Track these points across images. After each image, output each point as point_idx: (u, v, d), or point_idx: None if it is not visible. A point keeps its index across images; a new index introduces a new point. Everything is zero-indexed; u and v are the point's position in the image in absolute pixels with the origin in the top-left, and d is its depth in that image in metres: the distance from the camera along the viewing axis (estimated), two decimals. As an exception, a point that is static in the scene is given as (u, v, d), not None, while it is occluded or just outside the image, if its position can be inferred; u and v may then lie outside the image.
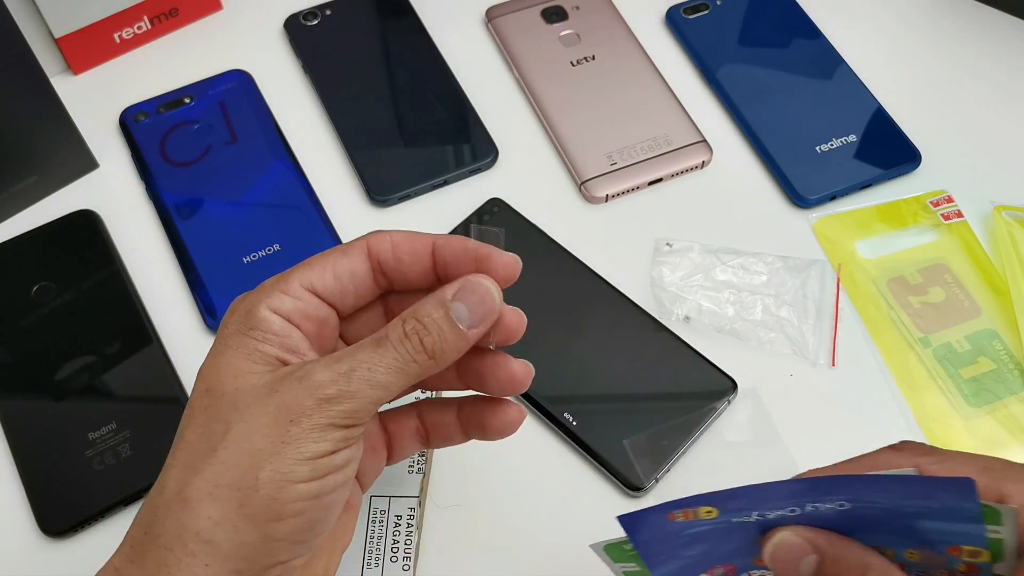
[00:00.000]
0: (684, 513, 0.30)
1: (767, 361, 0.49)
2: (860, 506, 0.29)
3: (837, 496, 0.29)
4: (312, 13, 0.61)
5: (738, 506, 0.30)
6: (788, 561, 0.30)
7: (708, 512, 0.30)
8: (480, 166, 0.55)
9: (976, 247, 0.53)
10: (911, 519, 0.29)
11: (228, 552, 0.29)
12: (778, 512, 0.30)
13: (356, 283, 0.34)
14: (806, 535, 0.30)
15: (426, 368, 0.32)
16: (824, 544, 0.30)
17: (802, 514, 0.30)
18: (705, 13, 0.62)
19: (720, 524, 0.30)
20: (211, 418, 0.31)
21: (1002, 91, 0.60)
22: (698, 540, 0.31)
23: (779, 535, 0.30)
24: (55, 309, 0.49)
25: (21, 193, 0.53)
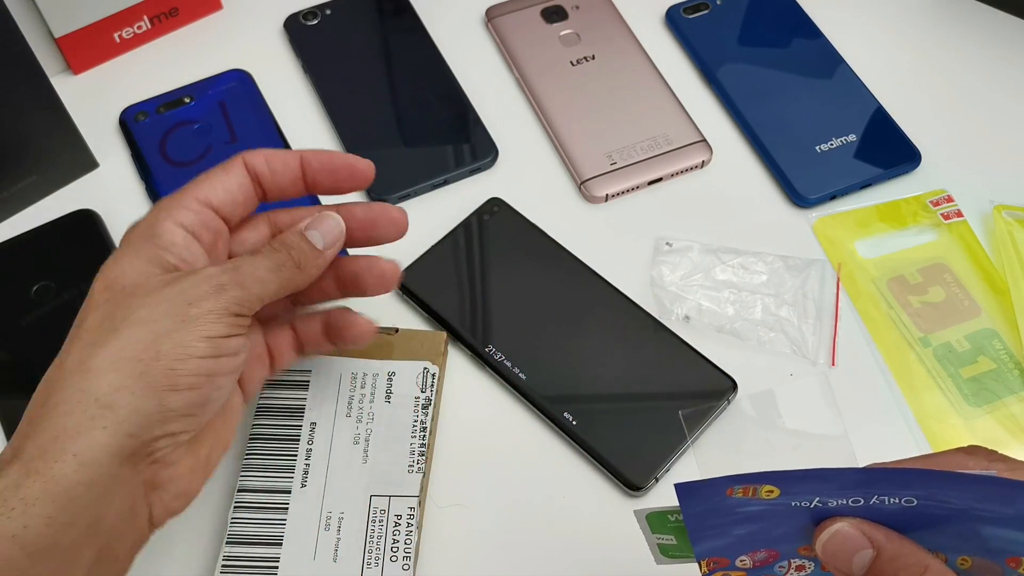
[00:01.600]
0: (744, 489, 0.30)
1: (767, 361, 0.49)
2: (928, 504, 0.28)
3: (909, 491, 0.28)
4: (312, 13, 0.61)
5: (802, 489, 0.29)
6: (842, 553, 0.29)
7: (769, 492, 0.29)
8: (480, 166, 0.55)
9: (976, 247, 0.53)
10: (979, 524, 0.28)
11: (125, 417, 0.32)
12: (840, 501, 0.29)
13: (243, 194, 0.39)
14: (864, 528, 0.29)
15: (295, 274, 0.38)
16: (882, 540, 0.29)
17: (864, 506, 0.29)
18: (705, 13, 0.62)
19: (777, 506, 0.30)
20: (113, 307, 0.34)
21: (1002, 91, 0.60)
22: (750, 520, 0.31)
23: (836, 525, 0.29)
24: (55, 309, 0.49)
25: (21, 193, 0.53)
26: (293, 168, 0.40)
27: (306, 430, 0.45)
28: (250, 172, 0.39)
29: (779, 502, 0.30)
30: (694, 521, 0.31)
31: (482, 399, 0.48)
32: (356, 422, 0.45)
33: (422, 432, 0.45)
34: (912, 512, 0.29)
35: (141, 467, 0.34)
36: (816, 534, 0.30)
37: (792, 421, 0.44)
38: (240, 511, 0.43)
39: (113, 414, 0.32)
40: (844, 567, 0.29)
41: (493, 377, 0.48)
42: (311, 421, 0.45)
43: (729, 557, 0.32)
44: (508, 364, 0.48)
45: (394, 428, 0.45)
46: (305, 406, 0.46)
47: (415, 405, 0.46)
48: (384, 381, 0.46)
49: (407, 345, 0.48)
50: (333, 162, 0.40)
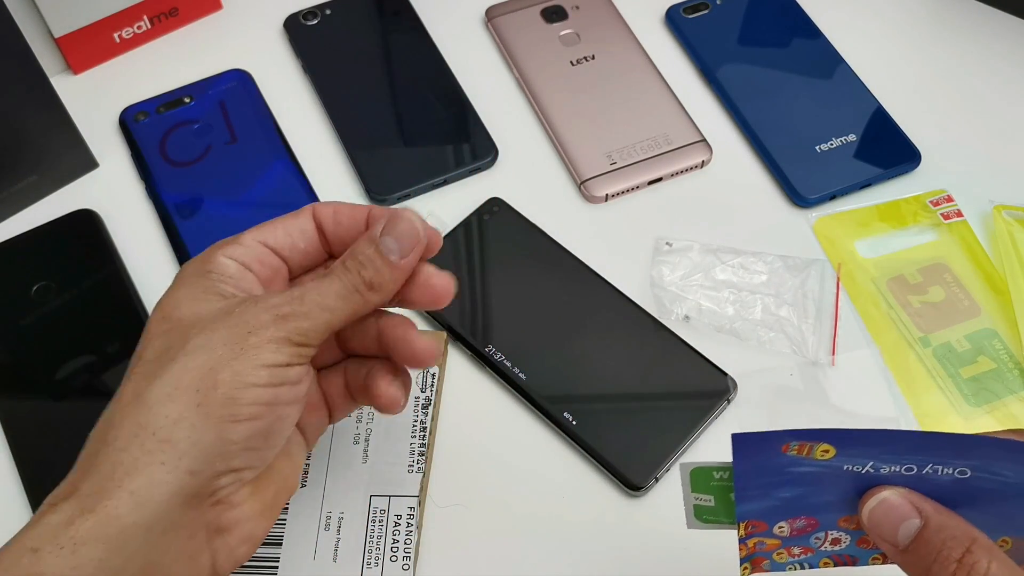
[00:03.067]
0: (800, 446, 0.29)
1: (767, 360, 0.49)
2: (981, 477, 0.28)
3: (965, 460, 0.28)
4: (312, 13, 0.61)
5: (859, 452, 0.29)
6: (888, 521, 0.29)
7: (825, 451, 0.29)
8: (480, 165, 0.55)
9: (976, 247, 0.53)
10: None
11: (184, 451, 0.30)
12: (893, 468, 0.29)
13: (304, 240, 0.37)
14: (912, 498, 0.29)
15: (368, 298, 0.35)
16: (930, 511, 0.29)
17: (915, 475, 0.29)
18: (705, 13, 0.62)
19: (828, 468, 0.30)
20: (170, 337, 0.32)
21: (1002, 91, 0.60)
22: (797, 482, 0.30)
23: (884, 493, 0.29)
24: (55, 309, 0.49)
25: (21, 192, 0.53)
26: (359, 223, 0.37)
27: (306, 430, 0.45)
28: (316, 222, 0.37)
29: (832, 464, 0.29)
30: (743, 477, 0.31)
31: (482, 399, 0.48)
32: (356, 422, 0.45)
33: (422, 432, 0.45)
34: (962, 486, 0.29)
35: (204, 508, 0.31)
36: (862, 502, 0.30)
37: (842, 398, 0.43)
38: (240, 511, 0.43)
39: (172, 448, 0.30)
40: (890, 536, 0.29)
41: (493, 377, 0.48)
42: (311, 421, 0.45)
43: (768, 522, 0.32)
44: (508, 364, 0.48)
45: (394, 428, 0.45)
46: (305, 406, 0.46)
47: (415, 405, 0.46)
48: (384, 381, 0.46)
49: (407, 345, 0.48)
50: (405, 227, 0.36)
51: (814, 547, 0.33)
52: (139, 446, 0.30)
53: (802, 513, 0.32)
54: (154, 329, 0.33)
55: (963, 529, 0.28)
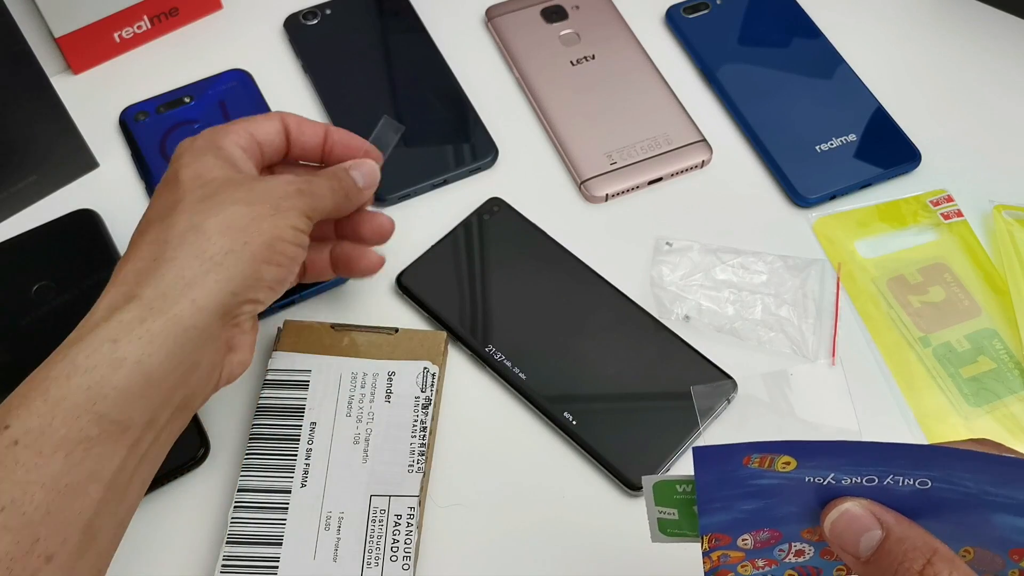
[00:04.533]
0: (761, 459, 0.29)
1: (767, 360, 0.49)
2: (942, 488, 0.28)
3: (926, 471, 0.28)
4: (312, 13, 0.61)
5: (819, 463, 0.29)
6: (849, 533, 0.29)
7: (786, 464, 0.29)
8: (480, 165, 0.55)
9: (976, 246, 0.53)
10: (990, 511, 0.28)
11: (231, 276, 0.37)
12: (854, 479, 0.29)
13: (277, 139, 0.44)
14: (873, 509, 0.29)
15: (343, 201, 0.43)
16: (891, 522, 0.29)
17: (877, 486, 0.29)
18: (705, 12, 0.62)
19: (790, 480, 0.29)
20: (211, 189, 0.39)
21: (1002, 91, 0.60)
22: (759, 494, 0.30)
23: (845, 505, 0.29)
24: (55, 308, 0.49)
25: (21, 192, 0.53)
26: (318, 135, 0.45)
27: (306, 430, 0.45)
28: (283, 126, 0.44)
29: (793, 476, 0.29)
30: (705, 490, 0.31)
31: (482, 399, 0.48)
32: (356, 422, 0.45)
33: (422, 432, 0.45)
34: (923, 496, 0.29)
35: (228, 326, 0.38)
36: (824, 514, 0.30)
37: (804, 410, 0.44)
38: (240, 511, 0.43)
39: (224, 271, 0.37)
40: (851, 547, 0.29)
41: (493, 377, 0.48)
42: (311, 421, 0.45)
43: (732, 535, 0.32)
44: (508, 364, 0.48)
45: (394, 428, 0.45)
46: (305, 406, 0.46)
47: (415, 405, 0.46)
48: (384, 381, 0.46)
49: (407, 345, 0.48)
50: (351, 143, 0.45)
51: (778, 559, 0.32)
52: (199, 265, 0.37)
53: (765, 525, 0.31)
54: (189, 183, 0.39)
55: (924, 540, 0.28)
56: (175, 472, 0.45)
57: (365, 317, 0.49)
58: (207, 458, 0.46)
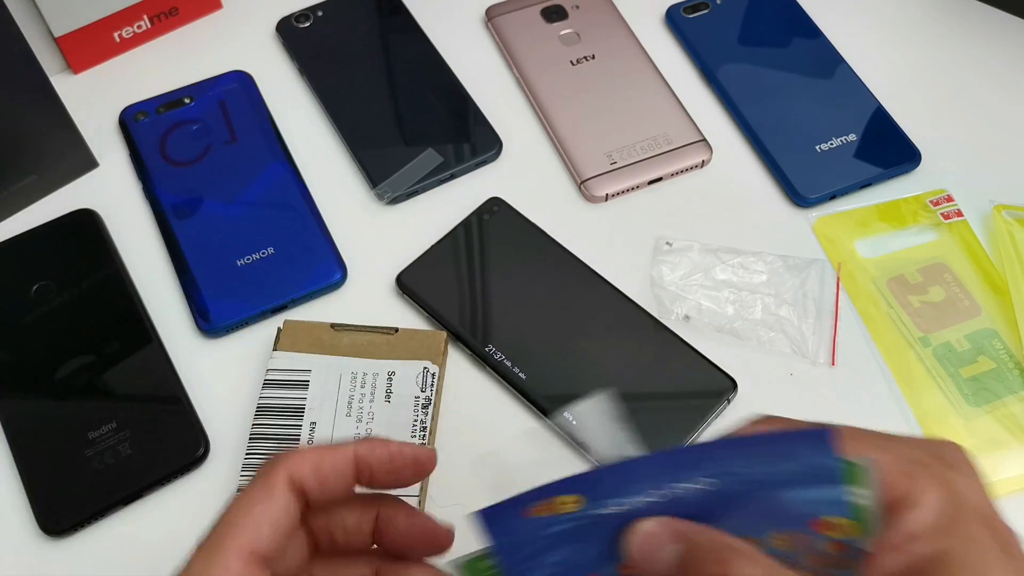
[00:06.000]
0: (539, 507, 0.27)
1: (767, 360, 0.49)
2: (729, 484, 0.27)
3: (705, 470, 0.27)
4: (304, 15, 0.61)
5: (602, 492, 0.27)
6: (651, 552, 0.27)
7: (565, 503, 0.27)
8: (486, 158, 0.55)
9: (976, 246, 0.53)
10: (779, 491, 0.27)
11: None
12: (644, 499, 0.28)
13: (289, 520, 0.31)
14: (669, 524, 0.28)
15: None
16: (687, 531, 0.27)
17: (668, 501, 0.28)
18: (705, 12, 0.62)
19: (581, 520, 0.28)
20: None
21: (1002, 90, 0.60)
22: (560, 542, 0.28)
23: (640, 525, 0.28)
24: (55, 308, 0.49)
25: (21, 192, 0.53)
26: (345, 475, 0.32)
27: (306, 430, 0.45)
28: (294, 487, 0.31)
29: (582, 515, 0.27)
30: (506, 557, 0.28)
31: (482, 399, 0.48)
32: (356, 422, 0.45)
33: (422, 432, 0.45)
34: (715, 496, 0.28)
35: None
36: (623, 541, 0.28)
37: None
38: (240, 511, 0.43)
39: None
40: (655, 567, 0.28)
41: (493, 377, 0.48)
42: (311, 421, 0.45)
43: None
44: (508, 364, 0.48)
45: (394, 428, 0.45)
46: (305, 406, 0.46)
47: (415, 405, 0.46)
48: (384, 381, 0.46)
49: (407, 345, 0.48)
50: (393, 460, 0.33)
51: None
52: None
53: (580, 572, 0.29)
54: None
55: (721, 542, 0.27)
56: (175, 472, 0.45)
57: (365, 317, 0.49)
58: (207, 458, 0.46)
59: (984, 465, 0.46)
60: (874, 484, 0.27)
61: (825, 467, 0.27)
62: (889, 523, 0.27)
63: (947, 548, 0.25)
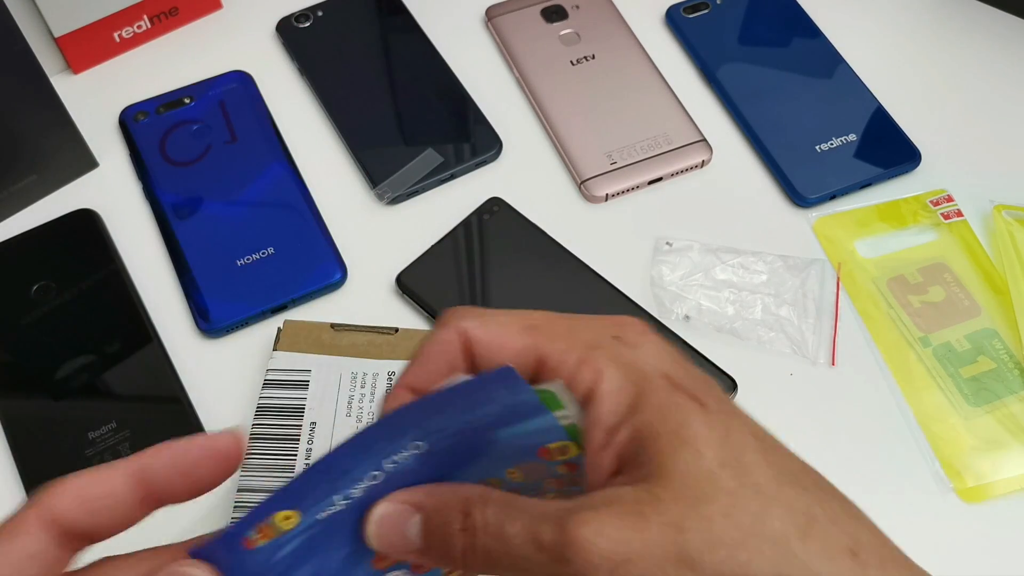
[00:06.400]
0: (261, 531, 0.25)
1: (767, 360, 0.49)
2: (435, 441, 0.26)
3: (405, 436, 0.26)
4: (304, 15, 0.61)
5: (316, 495, 0.25)
6: (395, 533, 0.26)
7: (287, 518, 0.25)
8: (486, 158, 0.55)
9: (976, 246, 0.53)
10: (489, 432, 0.26)
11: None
12: (363, 485, 0.26)
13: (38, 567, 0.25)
14: (403, 497, 0.26)
15: None
16: (422, 498, 0.26)
17: (388, 478, 0.26)
18: (705, 12, 0.62)
19: (310, 531, 0.25)
20: None
21: (1002, 90, 0.60)
22: (298, 561, 0.26)
23: (375, 511, 0.26)
24: (55, 308, 0.49)
25: (21, 192, 0.53)
26: (124, 496, 0.27)
27: (306, 430, 0.45)
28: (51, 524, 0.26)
29: (306, 526, 0.25)
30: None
31: (482, 399, 0.48)
32: (356, 422, 0.45)
33: (422, 432, 0.45)
34: (432, 456, 0.26)
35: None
36: (366, 536, 0.26)
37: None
38: (240, 511, 0.43)
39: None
40: (402, 545, 0.26)
41: (493, 377, 0.48)
42: (311, 421, 0.45)
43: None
44: (508, 364, 0.48)
45: (394, 428, 0.45)
46: (305, 406, 0.46)
47: (415, 405, 0.46)
48: (384, 381, 0.46)
49: (407, 345, 0.47)
50: (180, 460, 0.27)
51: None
52: None
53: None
54: None
55: (456, 496, 0.26)
56: (175, 472, 0.45)
57: (365, 317, 0.49)
58: (207, 458, 0.46)
59: (984, 465, 0.46)
60: (570, 400, 0.26)
61: (523, 403, 0.26)
62: (587, 422, 0.26)
63: (640, 426, 0.25)
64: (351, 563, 0.27)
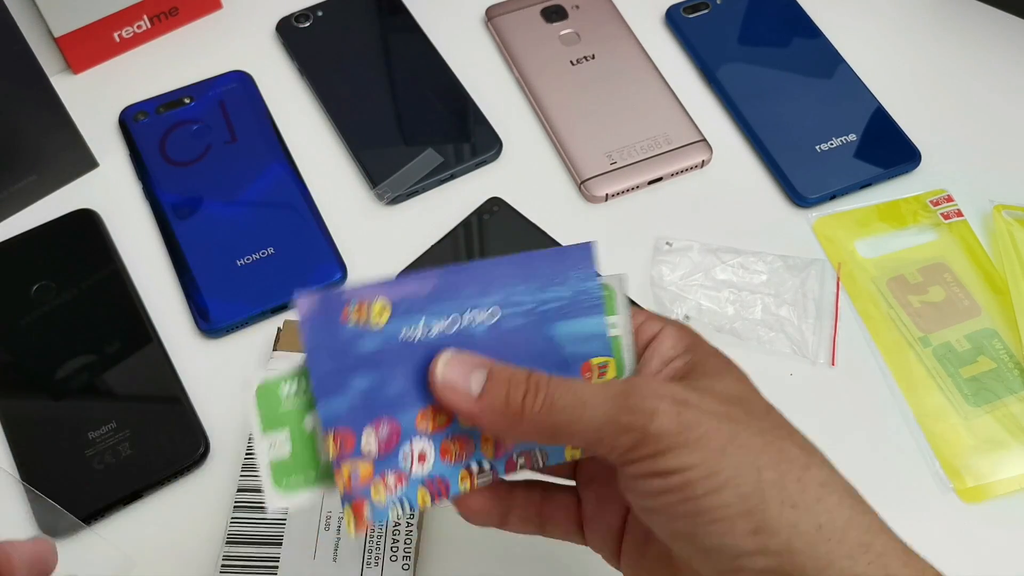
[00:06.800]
0: (359, 307, 0.28)
1: (767, 360, 0.49)
2: (508, 316, 0.30)
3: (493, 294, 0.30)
4: (304, 15, 0.61)
5: (409, 306, 0.28)
6: (460, 373, 0.29)
7: (381, 311, 0.28)
8: (486, 158, 0.55)
9: (976, 246, 0.53)
10: (551, 326, 0.30)
11: None
12: (440, 324, 0.29)
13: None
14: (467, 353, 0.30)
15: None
16: (490, 362, 0.30)
17: (458, 333, 0.30)
18: (705, 12, 0.62)
19: (389, 343, 0.28)
20: None
21: (1002, 90, 0.60)
22: (367, 364, 0.28)
23: (447, 352, 0.30)
24: (55, 308, 0.49)
25: (21, 192, 0.53)
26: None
27: (306, 430, 0.45)
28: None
29: (390, 331, 0.28)
30: (317, 360, 0.27)
31: (482, 399, 0.48)
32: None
33: (422, 432, 0.45)
34: (496, 334, 0.30)
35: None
36: (431, 367, 0.30)
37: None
38: (240, 511, 0.43)
39: None
40: (463, 386, 0.29)
41: (493, 377, 0.48)
42: (311, 421, 0.45)
43: (355, 429, 0.29)
44: (508, 364, 0.48)
45: (394, 428, 0.45)
46: (305, 406, 0.46)
47: (415, 405, 0.46)
48: (384, 381, 0.46)
49: (407, 345, 0.47)
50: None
51: (405, 471, 0.30)
52: None
53: (382, 412, 0.29)
54: None
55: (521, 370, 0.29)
56: (175, 472, 0.45)
57: (365, 317, 0.49)
58: (207, 458, 0.46)
59: (984, 465, 0.46)
60: (624, 306, 0.31)
61: (588, 294, 0.31)
62: (648, 353, 0.32)
63: (695, 359, 0.31)
64: (403, 402, 0.29)
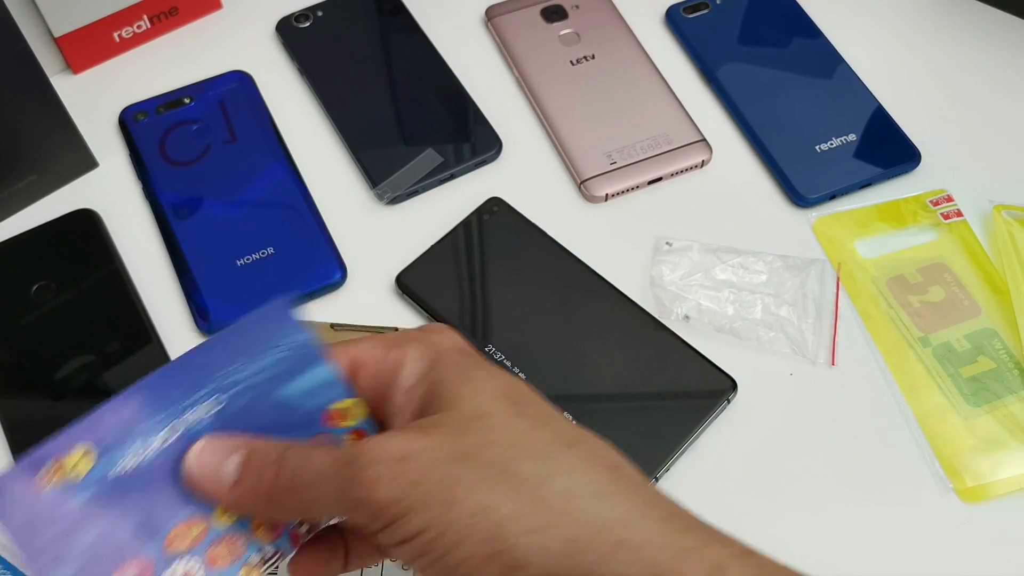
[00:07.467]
0: (54, 469, 0.24)
1: (767, 360, 0.49)
2: (232, 398, 0.28)
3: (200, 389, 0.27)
4: (304, 15, 0.61)
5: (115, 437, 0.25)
6: (214, 465, 0.28)
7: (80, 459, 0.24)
8: (486, 158, 0.55)
9: (976, 246, 0.53)
10: (277, 391, 0.28)
11: None
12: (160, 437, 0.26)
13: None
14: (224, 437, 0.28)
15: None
16: (243, 441, 0.28)
17: (183, 436, 0.27)
18: (705, 12, 0.62)
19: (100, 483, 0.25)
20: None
21: (1002, 90, 0.60)
22: (85, 518, 0.24)
23: (198, 443, 0.28)
24: (55, 308, 0.49)
25: (21, 192, 0.53)
26: None
27: (306, 430, 0.45)
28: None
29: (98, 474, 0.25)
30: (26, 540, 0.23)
31: (482, 399, 0.48)
32: (356, 422, 0.45)
33: (422, 432, 0.45)
34: (226, 418, 0.28)
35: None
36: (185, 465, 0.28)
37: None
38: (240, 511, 0.43)
39: None
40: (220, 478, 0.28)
41: (493, 377, 0.48)
42: (311, 421, 0.45)
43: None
44: (508, 364, 0.48)
45: (394, 428, 0.45)
46: (305, 406, 0.46)
47: (415, 405, 0.46)
48: (384, 381, 0.46)
49: (407, 345, 0.47)
50: None
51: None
52: None
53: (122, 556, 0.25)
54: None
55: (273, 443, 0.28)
56: (175, 472, 0.45)
57: (365, 317, 0.49)
58: (207, 458, 0.46)
59: (984, 465, 0.46)
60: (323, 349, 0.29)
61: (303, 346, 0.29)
62: (394, 387, 0.30)
63: (433, 380, 0.29)
64: (142, 537, 0.26)
